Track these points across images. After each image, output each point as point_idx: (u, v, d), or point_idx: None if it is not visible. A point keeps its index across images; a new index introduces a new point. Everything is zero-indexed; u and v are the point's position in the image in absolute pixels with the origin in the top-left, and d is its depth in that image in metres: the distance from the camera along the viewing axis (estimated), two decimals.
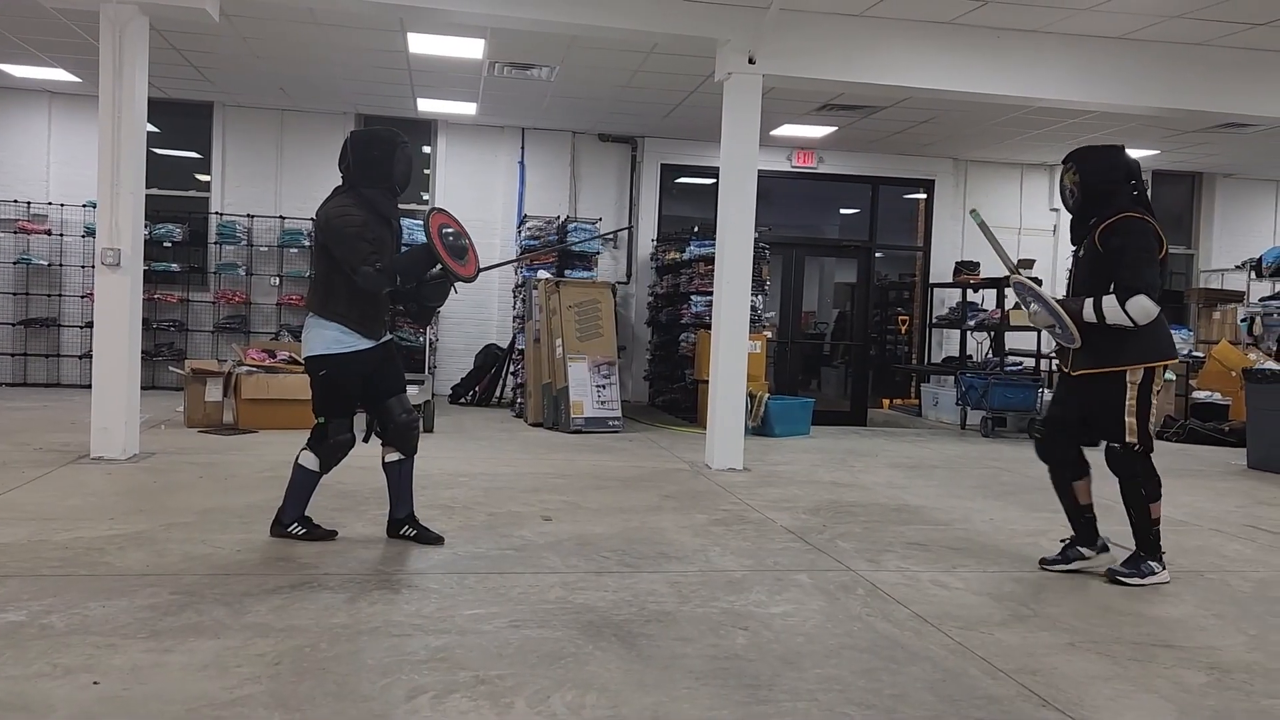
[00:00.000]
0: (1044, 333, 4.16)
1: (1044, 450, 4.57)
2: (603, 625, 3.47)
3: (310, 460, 4.40)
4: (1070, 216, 4.55)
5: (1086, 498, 4.52)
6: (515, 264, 10.00)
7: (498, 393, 11.50)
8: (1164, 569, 4.37)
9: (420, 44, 8.76)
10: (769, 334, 10.32)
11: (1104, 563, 4.48)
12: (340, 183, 4.40)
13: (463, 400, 11.42)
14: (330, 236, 4.23)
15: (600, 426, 9.12)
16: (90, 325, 9.46)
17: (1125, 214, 4.23)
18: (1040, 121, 10.69)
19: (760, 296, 9.72)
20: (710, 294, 8.43)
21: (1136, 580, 4.31)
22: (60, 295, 11.38)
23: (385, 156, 4.35)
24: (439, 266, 4.29)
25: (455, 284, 4.38)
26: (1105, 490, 4.58)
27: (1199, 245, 14.05)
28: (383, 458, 4.51)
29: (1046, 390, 10.93)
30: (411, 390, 8.59)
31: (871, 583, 4.20)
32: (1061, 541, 4.64)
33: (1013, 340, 11.53)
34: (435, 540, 4.53)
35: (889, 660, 3.24)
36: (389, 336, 4.53)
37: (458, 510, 5.32)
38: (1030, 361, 11.20)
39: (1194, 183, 13.91)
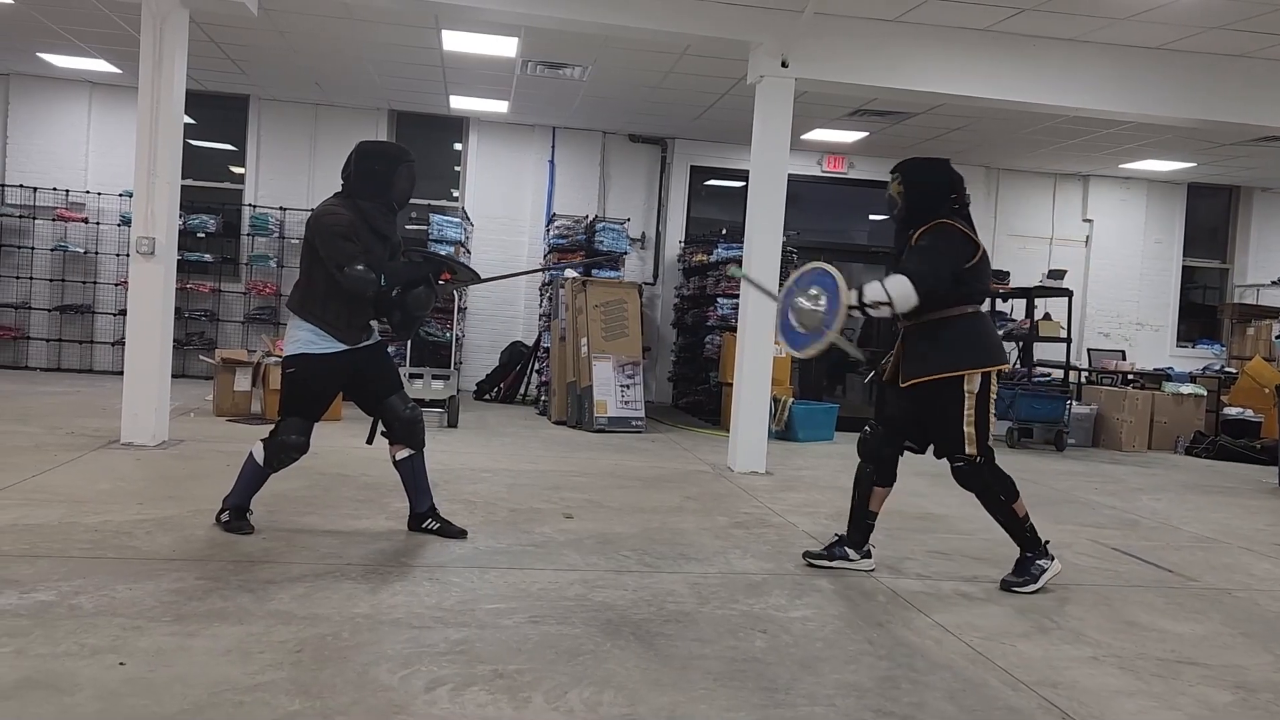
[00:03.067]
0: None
1: (866, 447, 4.44)
2: (621, 624, 3.48)
3: (259, 453, 4.34)
4: (894, 225, 4.44)
5: (877, 505, 4.45)
6: (516, 276, 9.94)
7: (522, 390, 11.54)
8: (1052, 559, 4.29)
9: (454, 41, 8.81)
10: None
11: (865, 568, 4.42)
12: (340, 190, 4.38)
13: (487, 397, 11.48)
14: (318, 234, 4.21)
15: (623, 426, 9.13)
16: (124, 313, 9.59)
17: (940, 220, 4.20)
18: (1075, 131, 10.59)
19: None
20: (736, 297, 8.42)
21: (1030, 586, 4.23)
22: (95, 283, 11.54)
23: (387, 171, 4.32)
24: (430, 275, 4.30)
25: (453, 291, 4.34)
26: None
27: (1234, 260, 13.87)
28: (393, 456, 4.51)
29: (1075, 401, 10.84)
30: (436, 385, 8.75)
31: (892, 590, 4.18)
32: (835, 535, 4.56)
33: (1041, 351, 11.42)
34: (458, 534, 4.55)
35: (908, 668, 3.22)
36: (373, 340, 4.47)
37: (480, 505, 5.35)
38: (1059, 373, 11.09)
39: (1231, 196, 13.73)
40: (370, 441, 4.56)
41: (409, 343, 9.43)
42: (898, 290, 4.01)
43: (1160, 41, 7.56)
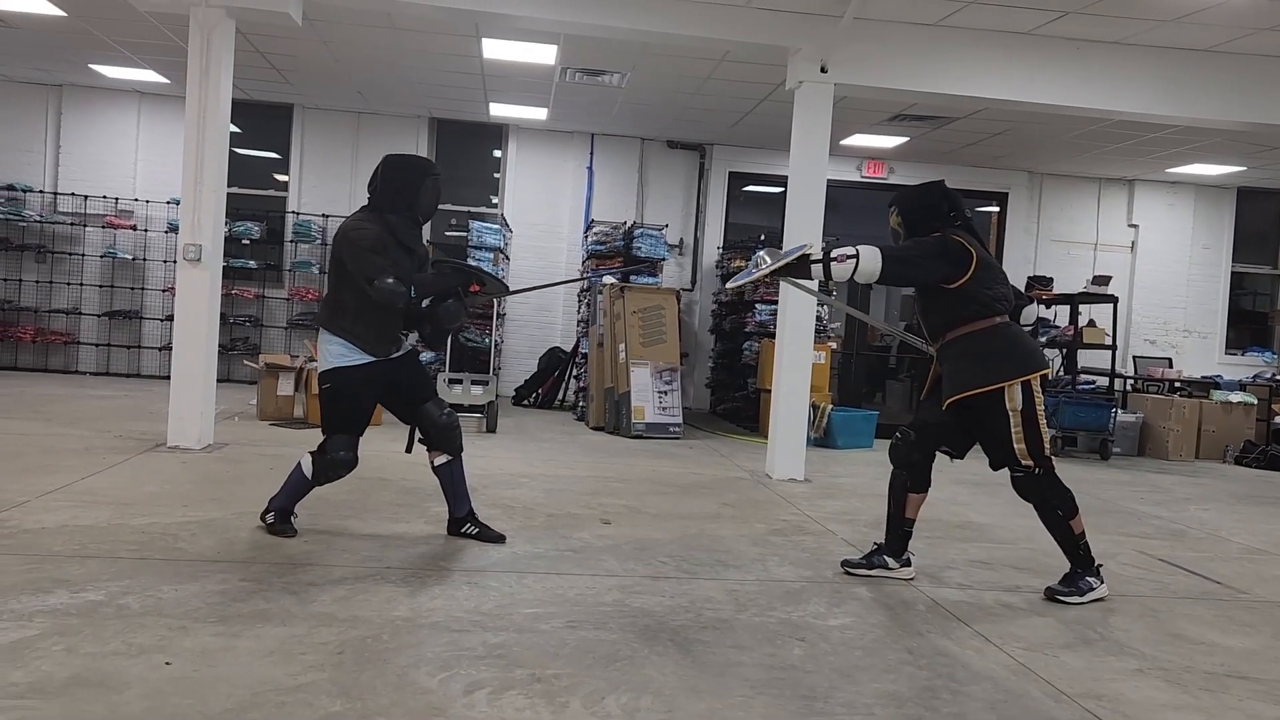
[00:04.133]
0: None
1: (897, 454, 4.41)
2: (659, 630, 3.48)
3: (308, 467, 4.39)
4: None
5: (914, 512, 4.41)
6: (543, 289, 10.01)
7: (560, 395, 11.58)
8: (1102, 583, 4.25)
9: (494, 49, 8.88)
10: (834, 345, 10.22)
11: (904, 576, 4.38)
12: (366, 203, 4.43)
13: (526, 402, 11.53)
14: (346, 250, 4.25)
15: (661, 432, 9.13)
16: (170, 318, 9.78)
17: (938, 233, 4.22)
18: (1120, 135, 10.43)
19: (826, 307, 9.65)
20: (775, 303, 8.39)
21: (1076, 598, 4.19)
22: (143, 289, 11.77)
23: (413, 184, 4.35)
24: (459, 287, 4.36)
25: (483, 301, 4.37)
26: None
27: None
28: (431, 462, 4.54)
29: (1120, 410, 10.66)
30: (476, 390, 8.81)
31: (933, 599, 4.14)
32: (874, 544, 4.53)
33: (1085, 359, 11.25)
34: (497, 539, 4.58)
35: (949, 678, 3.19)
36: (406, 349, 4.51)
37: (518, 511, 5.38)
38: (1104, 380, 10.92)
39: None
40: (409, 450, 4.59)
41: (449, 348, 9.51)
42: (866, 251, 4.05)
43: (1209, 44, 7.43)
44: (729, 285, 4.58)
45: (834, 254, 4.08)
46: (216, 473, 5.96)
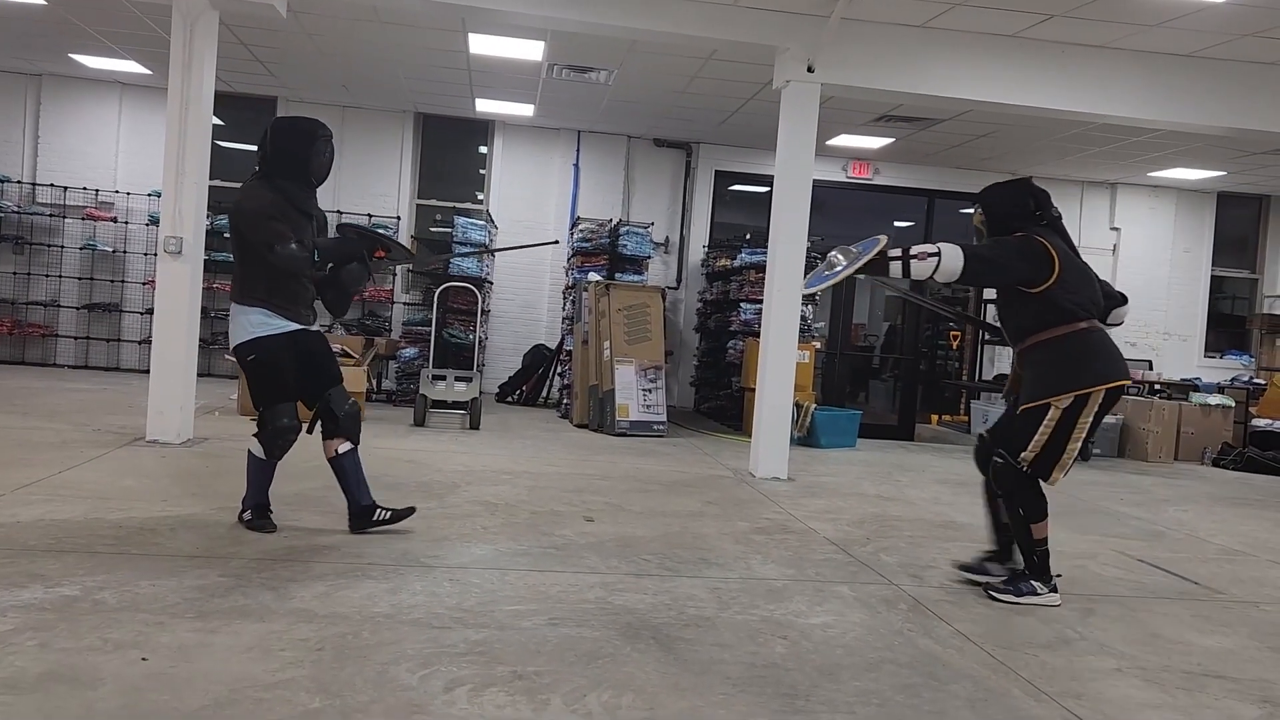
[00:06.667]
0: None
1: (979, 457, 4.40)
2: (641, 627, 3.47)
3: (258, 449, 4.35)
4: None
5: (1043, 533, 4.24)
6: (462, 256, 10.06)
7: (544, 393, 11.56)
8: (1052, 592, 4.16)
9: (480, 44, 8.85)
10: (818, 345, 10.25)
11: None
12: (256, 171, 4.34)
13: (509, 399, 11.50)
14: (243, 220, 4.19)
15: (645, 430, 9.12)
16: (151, 312, 9.69)
17: (1021, 233, 4.16)
18: (1103, 139, 10.50)
19: (810, 307, 9.67)
20: (760, 302, 8.40)
21: (1011, 598, 4.13)
22: (123, 281, 11.67)
23: (302, 147, 4.29)
24: (364, 252, 4.31)
25: (386, 268, 4.31)
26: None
27: (1264, 270, 13.70)
28: (331, 451, 4.39)
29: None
30: (459, 387, 8.78)
31: (914, 598, 4.15)
32: (985, 551, 4.50)
33: None
34: (407, 513, 4.55)
35: (929, 677, 3.19)
36: (318, 327, 4.48)
37: (501, 507, 5.36)
38: None
39: (1261, 206, 13.56)
40: (310, 431, 4.46)
41: (432, 344, 9.47)
42: (949, 250, 3.97)
43: (1191, 49, 7.48)
44: (805, 291, 4.42)
45: (914, 251, 4.00)
46: (195, 468, 5.91)
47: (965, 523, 5.97)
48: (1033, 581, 4.16)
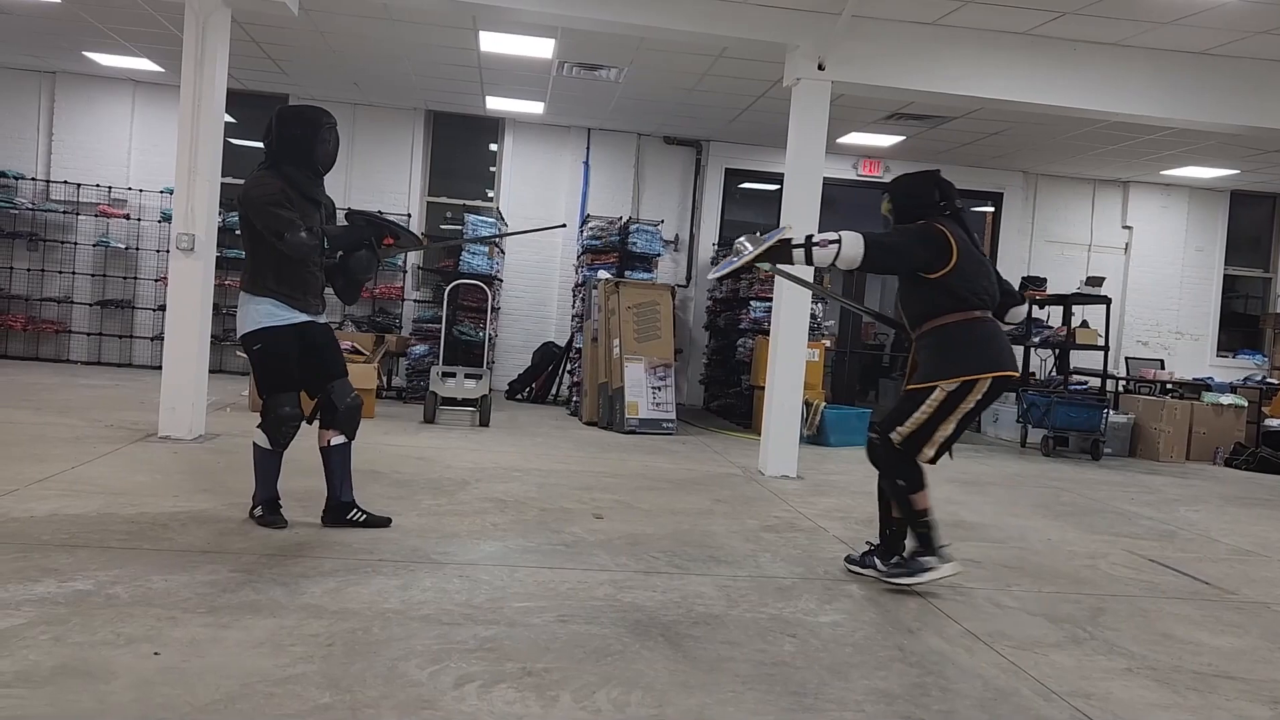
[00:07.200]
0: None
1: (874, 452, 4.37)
2: (650, 625, 3.47)
3: (263, 439, 4.36)
4: None
5: (924, 503, 4.22)
6: (463, 243, 10.24)
7: (554, 390, 11.57)
8: (945, 563, 4.12)
9: (491, 42, 8.86)
10: (828, 343, 10.24)
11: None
12: (263, 160, 4.34)
13: (519, 396, 11.52)
14: (251, 209, 4.19)
15: (654, 428, 9.13)
16: (163, 308, 9.74)
17: (924, 220, 4.20)
18: (1116, 137, 10.45)
19: (820, 305, 9.65)
20: (770, 300, 8.39)
21: (906, 579, 4.12)
22: (136, 278, 11.73)
23: (307, 135, 4.28)
24: (372, 239, 4.32)
25: (395, 255, 4.29)
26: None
27: (1277, 269, 13.62)
28: (325, 441, 4.43)
29: (1112, 411, 10.69)
30: (469, 384, 8.80)
31: (923, 597, 4.14)
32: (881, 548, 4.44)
33: (1078, 359, 11.28)
34: (383, 523, 4.54)
35: (939, 676, 3.19)
36: (325, 319, 4.49)
37: (511, 504, 5.37)
38: (1096, 381, 10.94)
39: (1275, 204, 13.48)
40: (311, 420, 4.48)
41: (442, 341, 9.50)
42: (850, 237, 4.02)
43: (1204, 46, 7.45)
44: (711, 276, 4.57)
45: (816, 239, 4.07)
46: (207, 463, 5.94)
47: (975, 521, 5.96)
48: (922, 559, 4.15)
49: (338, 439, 4.43)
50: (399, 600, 3.51)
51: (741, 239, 4.25)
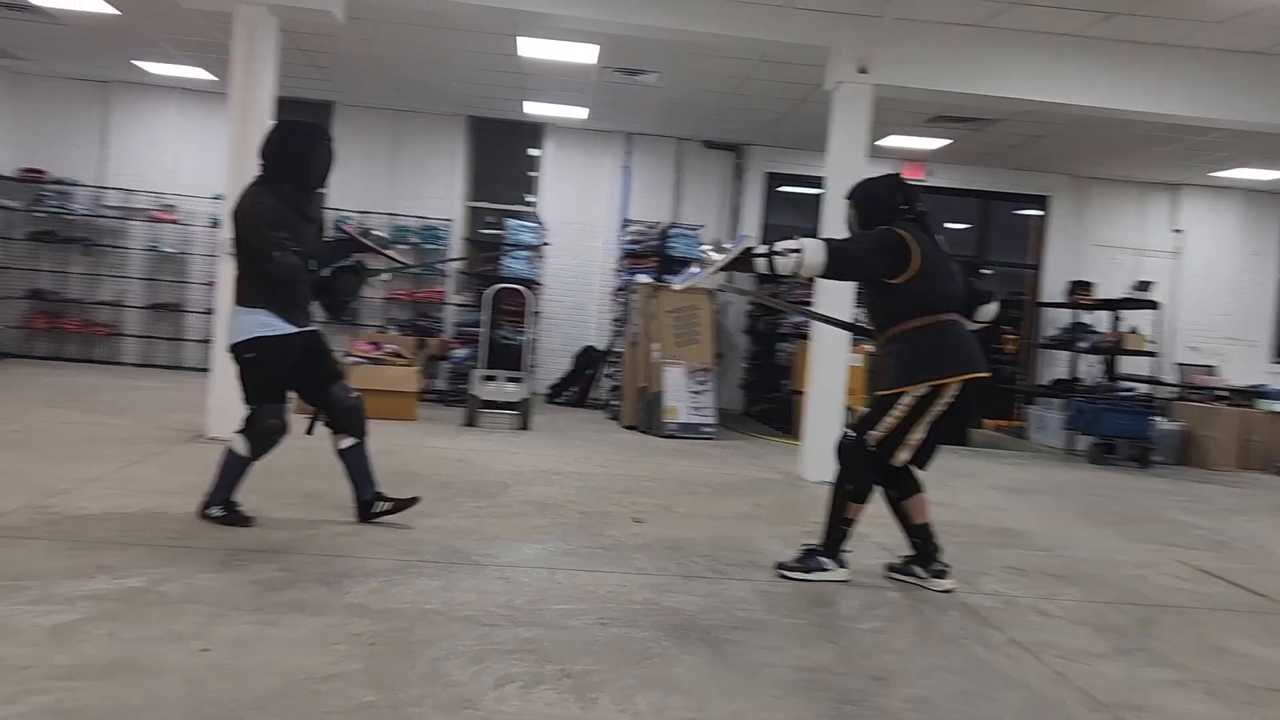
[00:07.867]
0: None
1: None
2: (689, 629, 3.47)
3: (241, 445, 4.39)
4: None
5: (921, 517, 4.32)
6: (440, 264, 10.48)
7: (593, 394, 11.60)
8: (841, 568, 4.26)
9: (532, 49, 8.91)
10: (870, 348, 10.14)
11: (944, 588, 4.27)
12: (260, 174, 4.37)
13: (559, 400, 11.56)
14: (246, 225, 4.23)
15: (694, 433, 9.11)
16: (211, 312, 9.90)
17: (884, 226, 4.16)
18: (1166, 139, 10.25)
19: (863, 309, 9.56)
20: (810, 304, 8.33)
21: (801, 575, 4.21)
22: (185, 282, 11.94)
23: (303, 150, 4.32)
24: (354, 258, 4.41)
25: (379, 274, 4.40)
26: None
27: None
28: (336, 446, 4.49)
29: (1161, 417, 10.48)
30: (510, 388, 8.84)
31: (967, 605, 4.10)
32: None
33: (1126, 364, 11.08)
34: (410, 503, 4.58)
35: (983, 685, 3.15)
36: (315, 327, 4.52)
37: (550, 507, 5.39)
38: (1144, 387, 10.74)
39: None
40: (310, 432, 4.54)
41: (483, 345, 9.55)
42: (811, 245, 4.02)
43: (1258, 45, 7.28)
44: (675, 287, 4.59)
45: (778, 247, 4.06)
46: (254, 465, 6.01)
47: (1020, 529, 5.88)
48: (821, 558, 4.25)
49: (345, 441, 4.50)
50: (440, 601, 3.54)
51: (707, 247, 4.30)
